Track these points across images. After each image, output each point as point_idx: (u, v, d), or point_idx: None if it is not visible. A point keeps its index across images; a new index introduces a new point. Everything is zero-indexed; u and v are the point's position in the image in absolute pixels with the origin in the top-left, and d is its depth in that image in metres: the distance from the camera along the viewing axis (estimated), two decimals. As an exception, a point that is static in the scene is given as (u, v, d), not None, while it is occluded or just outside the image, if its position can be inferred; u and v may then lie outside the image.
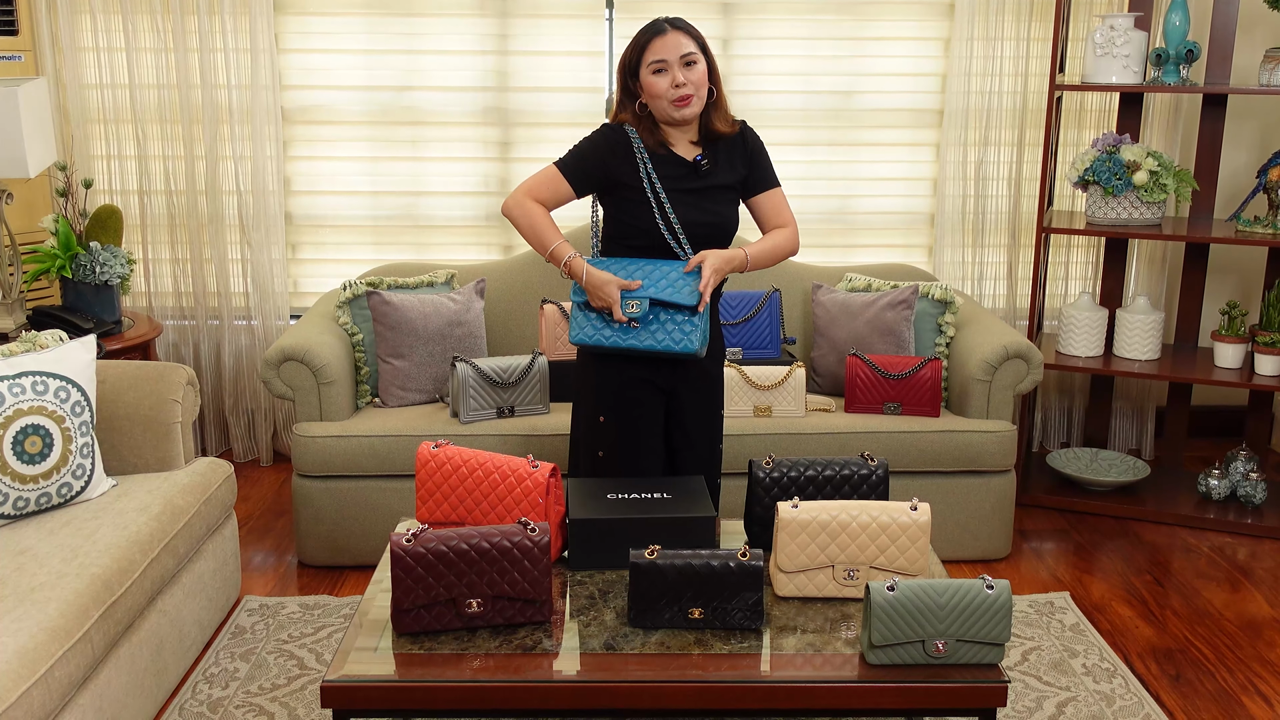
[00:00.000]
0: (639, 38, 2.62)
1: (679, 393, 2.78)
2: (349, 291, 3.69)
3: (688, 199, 2.66)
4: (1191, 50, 3.81)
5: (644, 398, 2.75)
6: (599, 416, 2.76)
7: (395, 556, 2.22)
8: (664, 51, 2.58)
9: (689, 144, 2.70)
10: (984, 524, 3.58)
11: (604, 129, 2.70)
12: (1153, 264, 4.40)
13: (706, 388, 2.82)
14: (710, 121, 2.68)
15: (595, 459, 2.78)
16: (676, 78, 2.58)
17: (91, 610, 2.38)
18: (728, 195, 2.72)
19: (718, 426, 2.89)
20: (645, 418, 2.76)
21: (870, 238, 4.44)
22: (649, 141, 2.65)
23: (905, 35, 4.26)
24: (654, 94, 2.61)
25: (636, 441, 2.76)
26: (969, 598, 2.14)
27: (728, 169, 2.71)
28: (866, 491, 2.63)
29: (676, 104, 2.60)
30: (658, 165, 2.65)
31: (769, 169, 2.80)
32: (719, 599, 2.27)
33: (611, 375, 2.73)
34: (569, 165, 2.70)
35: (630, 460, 2.75)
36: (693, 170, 2.67)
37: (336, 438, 3.41)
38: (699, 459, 2.84)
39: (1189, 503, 4.01)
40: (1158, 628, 3.25)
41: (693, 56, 2.60)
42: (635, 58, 2.63)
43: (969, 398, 3.59)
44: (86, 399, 2.87)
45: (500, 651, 2.21)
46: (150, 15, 4.05)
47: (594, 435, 2.78)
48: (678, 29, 2.62)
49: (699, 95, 2.62)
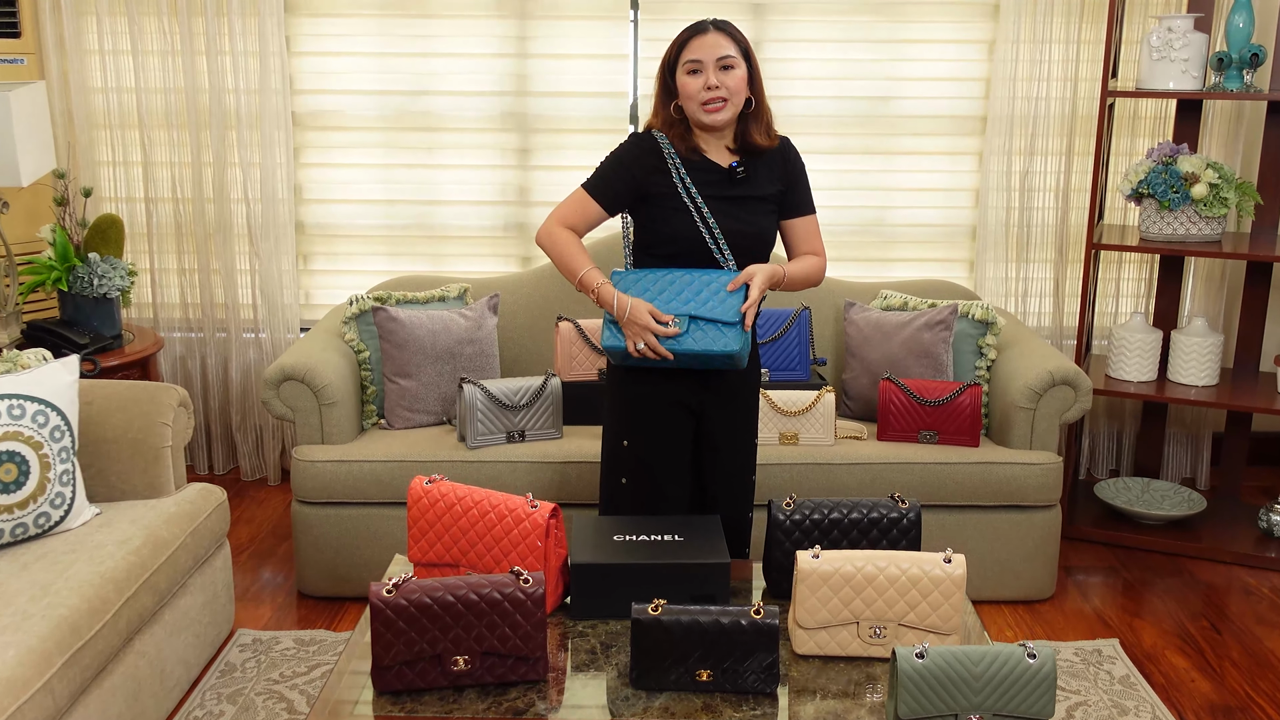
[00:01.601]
0: (680, 36, 2.51)
1: (710, 415, 2.61)
2: (355, 307, 3.51)
3: (724, 207, 2.52)
4: (1256, 54, 3.54)
5: (672, 420, 2.59)
6: (623, 440, 2.60)
7: (375, 609, 2.03)
8: (700, 51, 2.46)
9: (725, 151, 2.56)
10: (1026, 563, 3.33)
11: (632, 138, 2.58)
12: (1210, 282, 4.13)
13: (741, 412, 2.65)
14: (748, 132, 2.54)
15: (618, 486, 2.62)
16: (710, 80, 2.45)
17: (55, 657, 2.21)
18: (766, 206, 2.58)
19: (751, 455, 2.72)
20: (672, 441, 2.60)
21: (907, 251, 4.20)
22: (680, 148, 2.52)
23: (946, 38, 4.02)
24: (686, 95, 2.49)
25: (662, 467, 2.60)
26: (1008, 667, 1.92)
27: (766, 180, 2.58)
28: (897, 537, 2.42)
29: (706, 108, 2.47)
30: (691, 171, 2.52)
31: (808, 193, 2.66)
32: (730, 660, 2.06)
33: (638, 394, 2.58)
34: (595, 185, 2.57)
35: (655, 488, 2.59)
36: (728, 177, 2.54)
37: (338, 462, 3.23)
38: (730, 490, 2.67)
39: (1248, 539, 3.74)
40: (1215, 681, 2.99)
41: (730, 61, 2.46)
42: (674, 56, 2.52)
43: (1011, 426, 3.35)
44: (67, 423, 2.71)
45: (488, 715, 2.02)
46: (157, 17, 3.91)
47: (617, 461, 2.63)
48: (720, 30, 2.49)
49: (733, 102, 2.48)
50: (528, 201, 4.17)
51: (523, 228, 4.19)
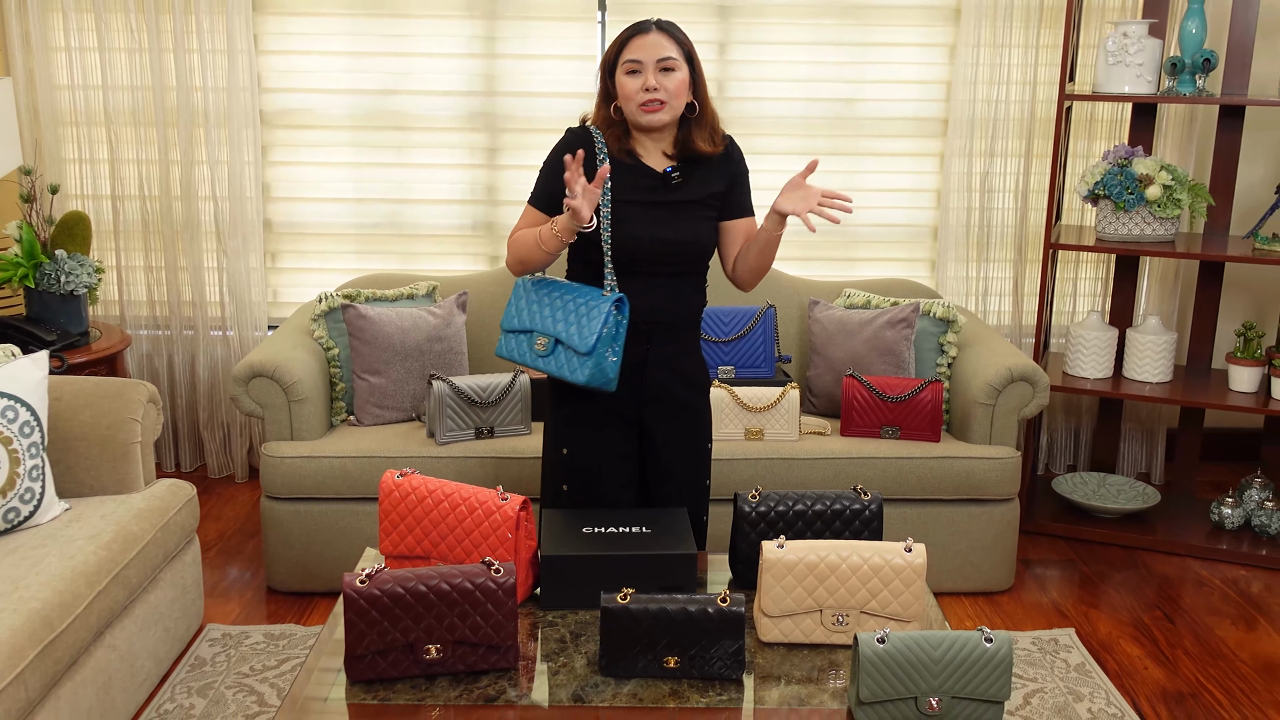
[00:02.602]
0: (621, 34, 2.44)
1: (654, 429, 2.59)
2: (325, 304, 3.53)
3: (655, 213, 2.45)
4: (1208, 59, 3.64)
5: (608, 429, 2.56)
6: (562, 449, 2.59)
7: (348, 599, 2.06)
8: (640, 52, 2.39)
9: (662, 155, 2.49)
10: (985, 555, 3.41)
11: (566, 134, 2.51)
12: (1165, 282, 4.23)
13: (684, 419, 2.62)
14: (690, 138, 2.47)
15: (560, 493, 2.61)
16: (648, 81, 2.38)
17: (27, 649, 2.22)
18: (702, 212, 2.50)
19: (703, 461, 2.68)
20: (608, 450, 2.57)
21: (871, 251, 4.27)
22: (613, 148, 2.45)
23: (909, 41, 4.10)
24: (624, 95, 2.42)
25: (600, 476, 2.58)
26: (966, 651, 1.98)
27: (704, 183, 2.50)
28: (859, 528, 2.47)
29: (644, 109, 2.40)
30: (623, 175, 2.45)
31: (749, 195, 2.59)
32: (697, 647, 2.11)
33: (573, 404, 2.55)
34: (538, 195, 2.52)
35: (595, 496, 2.58)
36: (662, 182, 2.47)
37: (307, 458, 3.25)
38: (679, 495, 2.65)
39: (1201, 532, 3.84)
40: (1168, 669, 3.07)
41: (671, 63, 2.40)
42: (614, 55, 2.44)
43: (971, 422, 3.43)
44: (36, 419, 2.71)
45: (460, 702, 2.05)
46: (124, 14, 3.90)
47: (558, 468, 2.61)
48: (662, 31, 2.41)
49: (671, 105, 2.41)
50: (496, 200, 4.21)
51: (491, 227, 4.22)
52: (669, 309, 2.51)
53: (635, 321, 2.47)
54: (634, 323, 2.47)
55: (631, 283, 2.46)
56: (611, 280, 2.46)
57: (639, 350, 2.51)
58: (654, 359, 2.53)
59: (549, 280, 2.51)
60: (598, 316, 2.40)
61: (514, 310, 2.51)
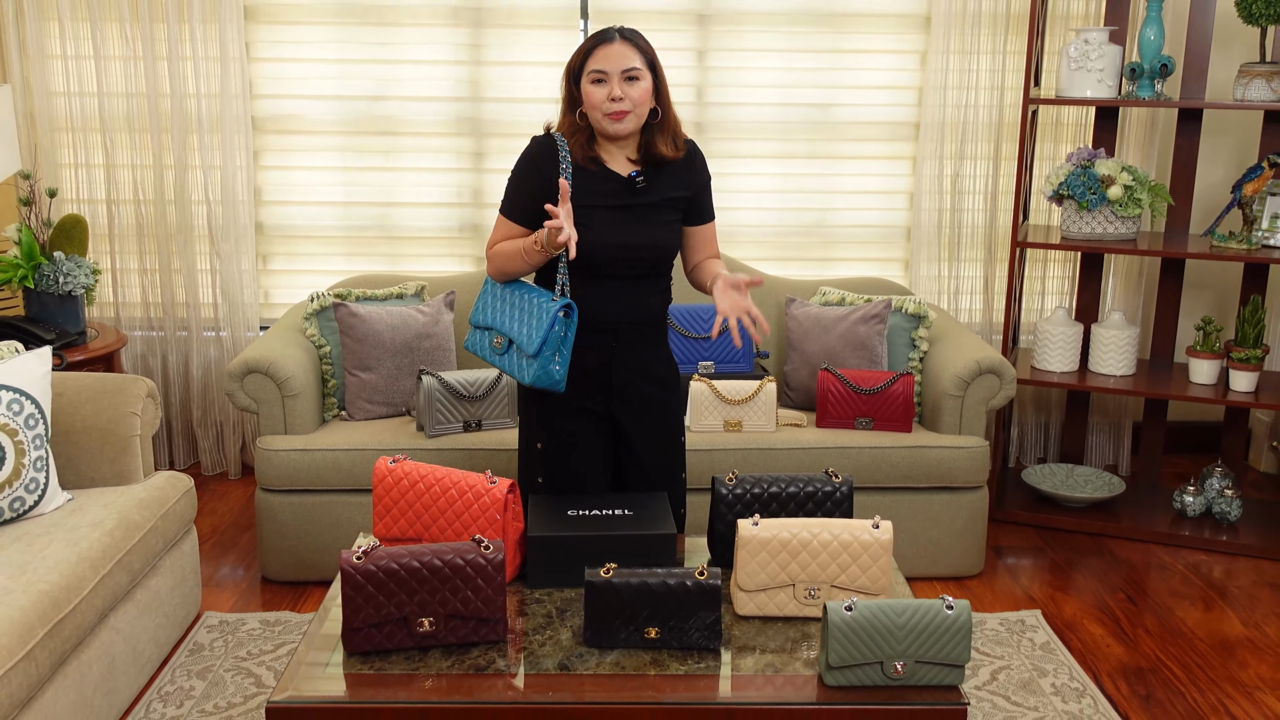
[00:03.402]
0: (585, 43, 2.52)
1: (619, 420, 2.68)
2: (316, 303, 3.64)
3: (621, 218, 2.53)
4: (1166, 65, 3.79)
5: (579, 425, 2.65)
6: (536, 443, 2.68)
7: (345, 574, 2.18)
8: (605, 62, 2.46)
9: (626, 160, 2.56)
10: (956, 541, 3.54)
11: (531, 142, 2.59)
12: (1129, 279, 4.38)
13: (655, 416, 2.70)
14: (653, 143, 2.54)
15: (535, 485, 2.71)
16: (614, 91, 2.45)
17: (37, 628, 2.33)
18: (667, 216, 2.58)
19: (677, 455, 2.77)
20: (581, 445, 2.66)
21: (846, 251, 4.41)
22: (578, 155, 2.52)
23: (882, 49, 4.24)
24: (590, 104, 2.49)
25: (573, 469, 2.67)
26: (928, 618, 2.11)
27: (669, 187, 2.58)
28: (830, 509, 2.59)
29: (610, 117, 2.47)
30: (587, 181, 2.52)
31: (709, 200, 2.69)
32: (676, 618, 2.23)
33: (546, 400, 2.64)
34: (507, 203, 2.59)
35: (570, 488, 2.67)
36: (627, 187, 2.54)
37: (301, 451, 3.36)
38: (655, 487, 2.73)
39: (1164, 519, 3.98)
40: (1129, 647, 3.21)
41: (636, 72, 2.47)
42: (578, 63, 2.51)
43: (941, 413, 3.56)
44: (41, 412, 2.82)
45: (452, 672, 2.16)
46: (119, 23, 4.02)
47: (532, 461, 2.71)
48: (626, 40, 2.48)
49: (636, 113, 2.49)
50: (481, 203, 4.33)
51: (477, 228, 4.34)
52: (634, 310, 2.59)
53: (601, 323, 2.55)
54: (600, 324, 2.55)
55: (597, 286, 2.54)
56: (562, 284, 2.53)
57: (605, 350, 2.59)
58: (620, 359, 2.61)
59: (514, 283, 2.60)
60: (545, 320, 2.47)
61: (480, 306, 2.61)
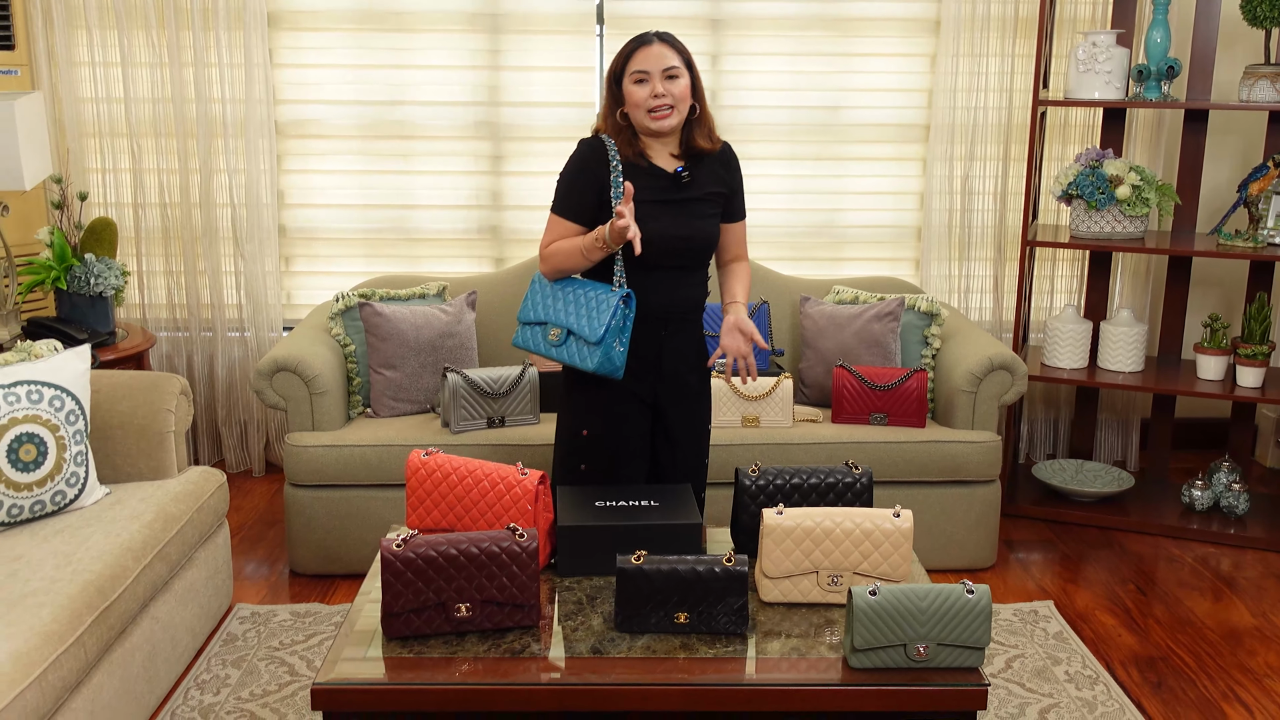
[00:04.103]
0: (626, 47, 2.66)
1: (663, 405, 2.80)
2: (341, 303, 3.72)
3: (668, 211, 2.66)
4: (1172, 66, 3.86)
5: (628, 412, 2.77)
6: (581, 430, 2.79)
7: (385, 561, 2.25)
8: (647, 63, 2.61)
9: (669, 156, 2.70)
10: (969, 534, 3.61)
11: (580, 145, 2.71)
12: (1136, 277, 4.45)
13: (693, 401, 2.84)
14: (692, 137, 2.69)
15: (578, 472, 2.81)
16: (656, 89, 2.60)
17: (85, 615, 2.41)
18: (709, 208, 2.73)
19: (705, 441, 2.91)
20: (629, 431, 2.78)
21: (858, 251, 4.49)
22: (626, 153, 2.66)
23: (891, 51, 4.32)
24: (633, 103, 2.64)
25: (619, 454, 2.78)
26: (950, 602, 2.18)
27: (709, 181, 2.73)
28: (851, 499, 2.67)
29: (653, 115, 2.62)
30: (636, 177, 2.64)
31: (742, 200, 2.84)
32: (704, 604, 2.30)
33: (594, 389, 2.75)
34: (561, 203, 2.72)
35: (612, 474, 2.78)
36: (673, 182, 2.69)
37: (328, 447, 3.44)
38: (685, 472, 2.86)
39: (1173, 513, 4.06)
40: (1140, 636, 3.28)
41: (675, 71, 2.62)
42: (620, 66, 2.66)
43: (954, 409, 3.64)
44: (81, 408, 2.90)
45: (489, 655, 2.24)
46: (146, 30, 4.10)
47: (576, 449, 2.81)
48: (664, 42, 2.64)
49: (678, 109, 2.64)
50: (500, 205, 4.41)
51: (495, 230, 4.42)
52: (680, 300, 2.73)
53: (652, 312, 2.68)
54: (650, 313, 2.68)
55: (647, 276, 2.67)
56: (620, 276, 2.66)
57: (655, 338, 2.72)
58: (668, 346, 2.75)
59: (559, 282, 2.71)
60: (607, 310, 2.61)
61: (530, 304, 2.73)
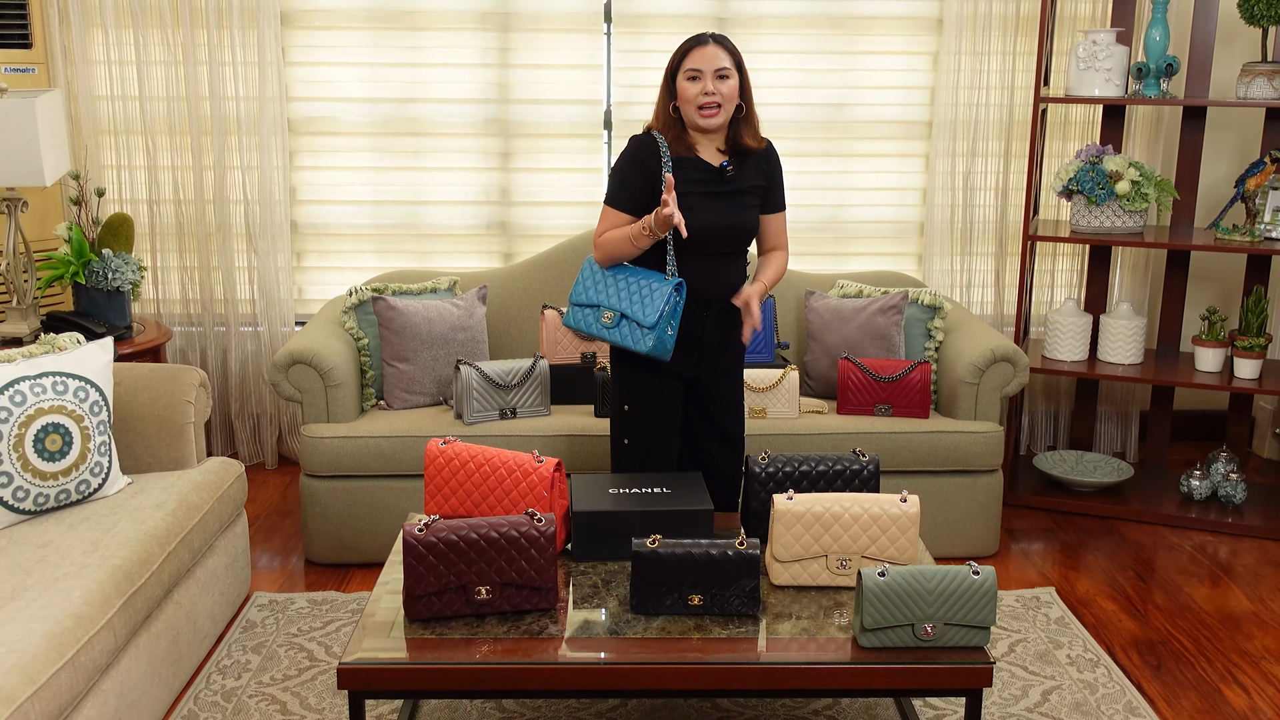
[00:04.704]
0: (683, 45, 2.83)
1: (704, 382, 2.97)
2: (355, 297, 3.79)
3: (714, 203, 2.83)
4: (1171, 64, 3.93)
5: (664, 389, 2.94)
6: (624, 405, 2.97)
7: (408, 545, 2.32)
8: (700, 61, 2.77)
9: (716, 151, 2.87)
10: (972, 522, 3.68)
11: (632, 141, 2.88)
12: (1136, 271, 4.52)
13: (732, 376, 3.02)
14: (739, 135, 2.86)
15: (622, 446, 2.99)
16: (707, 86, 2.76)
17: (114, 599, 2.47)
18: (751, 200, 2.90)
19: (740, 416, 3.06)
20: (666, 406, 2.95)
21: (862, 246, 4.55)
22: (676, 148, 2.83)
23: (895, 50, 4.39)
24: (685, 98, 2.80)
25: (656, 427, 2.95)
26: (956, 583, 2.25)
27: (752, 176, 2.90)
28: (859, 486, 2.74)
29: (702, 112, 2.78)
30: (685, 170, 2.82)
31: (782, 192, 3.01)
32: (717, 586, 2.37)
33: (636, 368, 2.92)
34: (615, 194, 2.88)
35: (652, 444, 2.95)
36: (718, 175, 2.85)
37: (344, 438, 3.51)
38: (723, 447, 3.02)
39: (1172, 503, 4.12)
40: (1140, 621, 3.35)
41: (726, 71, 2.78)
42: (676, 62, 2.83)
43: (957, 400, 3.70)
44: (104, 399, 2.96)
45: (508, 636, 2.31)
46: (160, 29, 4.16)
47: (621, 424, 2.99)
48: (718, 44, 2.80)
49: (726, 107, 2.80)
50: (509, 202, 4.47)
51: (505, 226, 4.49)
52: (722, 284, 2.90)
53: (695, 294, 2.86)
54: (694, 295, 2.86)
55: (692, 261, 2.85)
56: (673, 266, 2.83)
57: (698, 318, 2.89)
58: (710, 325, 2.92)
59: (608, 270, 2.87)
60: (660, 297, 2.78)
61: (582, 287, 2.88)
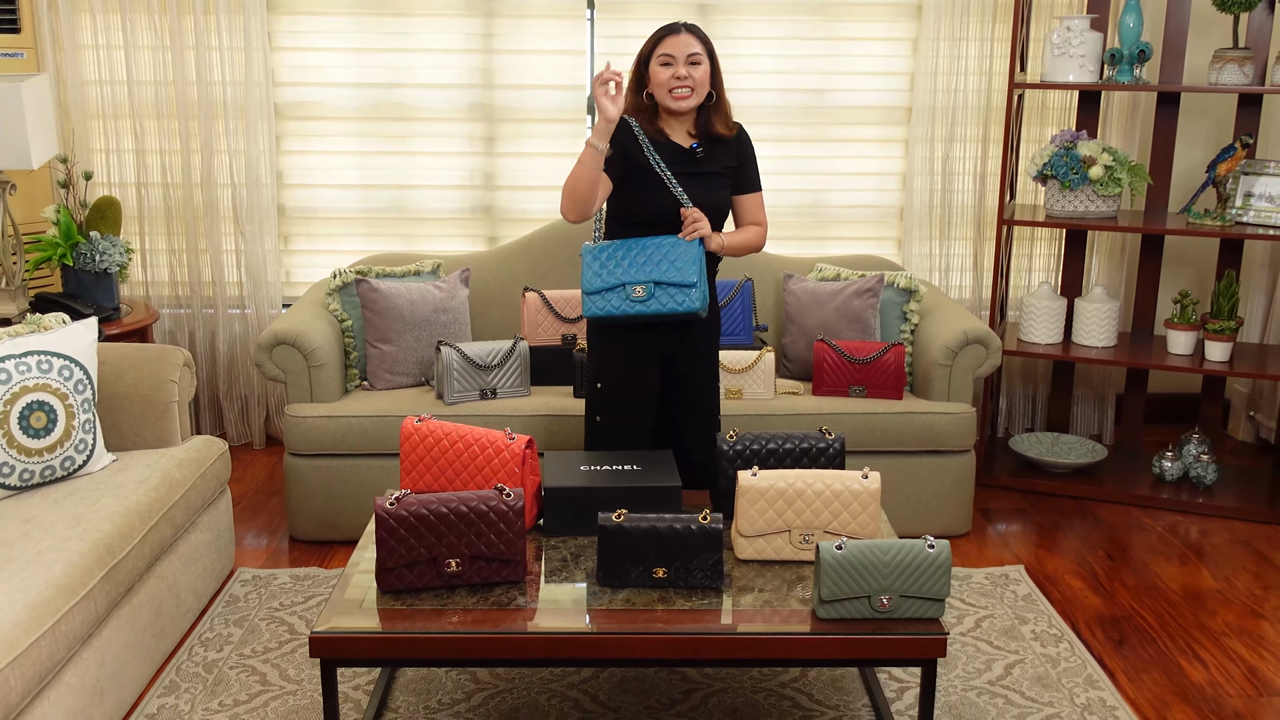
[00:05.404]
0: (655, 33, 2.92)
1: (679, 360, 3.03)
2: (339, 279, 3.85)
3: (686, 183, 2.93)
4: (1144, 50, 3.98)
5: (641, 367, 3.00)
6: (597, 384, 3.03)
7: (380, 518, 2.39)
8: (673, 48, 2.87)
9: (686, 134, 2.97)
10: (945, 502, 3.75)
11: None
12: (1111, 256, 4.57)
13: (706, 356, 3.08)
14: (710, 122, 2.96)
15: (594, 423, 3.05)
16: (679, 71, 2.86)
17: (95, 571, 2.54)
18: (721, 180, 2.99)
19: (715, 393, 3.12)
20: (639, 384, 3.01)
21: (842, 230, 4.61)
22: (648, 130, 2.92)
23: (875, 35, 4.43)
24: (657, 82, 2.89)
25: (628, 405, 3.01)
26: (912, 556, 2.31)
27: (723, 158, 2.99)
28: (824, 463, 2.80)
29: (674, 95, 2.88)
30: (656, 151, 2.91)
31: (755, 173, 3.09)
32: (682, 559, 2.44)
33: (610, 346, 3.00)
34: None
35: (624, 422, 3.01)
36: (689, 156, 2.94)
37: (327, 418, 3.57)
38: (699, 423, 3.07)
39: (1144, 484, 4.19)
40: (1106, 598, 3.42)
41: (698, 57, 2.88)
42: (649, 50, 2.92)
43: (931, 381, 3.76)
44: (89, 377, 3.03)
45: (477, 607, 2.38)
46: (148, 14, 4.21)
47: (594, 401, 3.05)
48: (690, 32, 2.89)
49: (697, 91, 2.89)
50: (493, 186, 4.52)
51: (489, 210, 4.54)
52: None
53: None
54: None
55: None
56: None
57: None
58: None
59: (617, 242, 2.93)
60: (690, 252, 2.86)
61: (592, 274, 2.93)
